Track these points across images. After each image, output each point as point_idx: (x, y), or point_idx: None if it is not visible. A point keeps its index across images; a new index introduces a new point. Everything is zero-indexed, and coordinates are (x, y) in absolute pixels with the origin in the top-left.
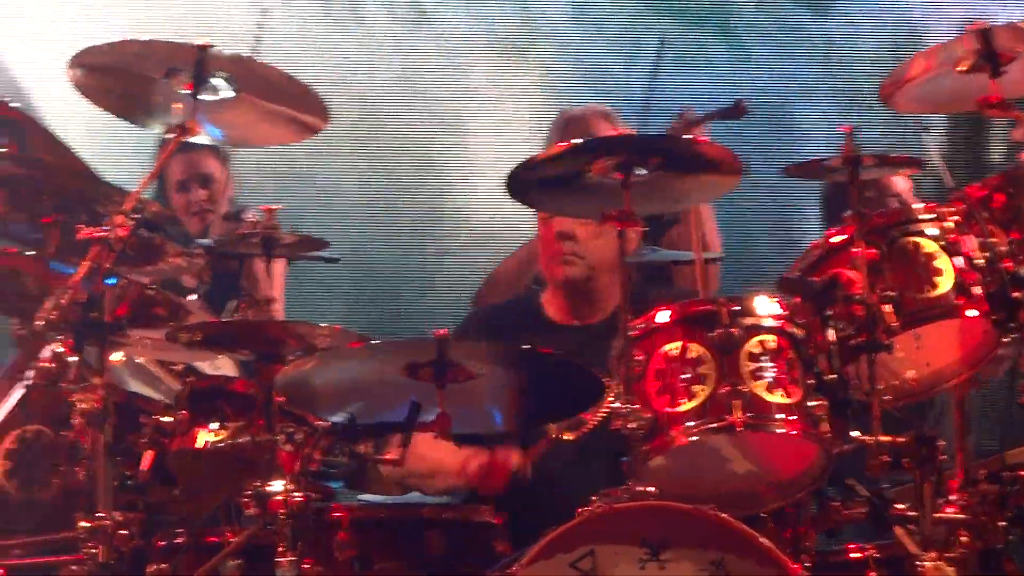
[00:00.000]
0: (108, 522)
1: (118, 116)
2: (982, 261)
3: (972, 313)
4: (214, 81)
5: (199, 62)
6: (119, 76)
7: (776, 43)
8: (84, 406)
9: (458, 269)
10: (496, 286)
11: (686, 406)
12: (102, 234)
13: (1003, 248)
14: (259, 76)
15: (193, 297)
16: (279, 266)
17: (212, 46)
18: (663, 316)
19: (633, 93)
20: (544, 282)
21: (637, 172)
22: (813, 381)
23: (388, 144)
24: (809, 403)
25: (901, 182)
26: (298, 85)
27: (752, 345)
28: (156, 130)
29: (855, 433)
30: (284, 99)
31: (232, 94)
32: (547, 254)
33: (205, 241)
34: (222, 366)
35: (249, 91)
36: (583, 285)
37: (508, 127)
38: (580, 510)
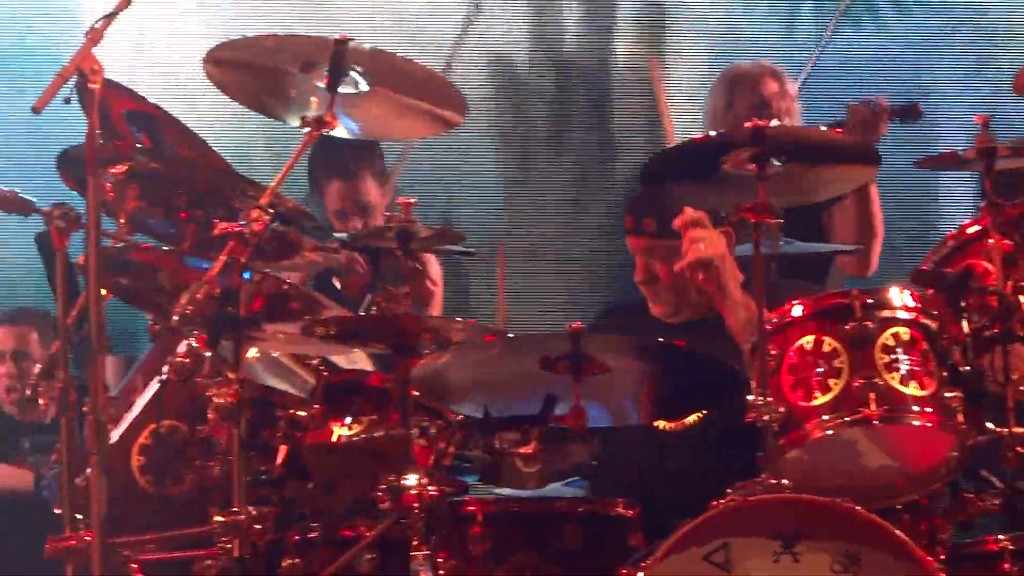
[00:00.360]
0: (242, 517)
1: (254, 110)
2: None
3: None
4: (351, 75)
5: (336, 56)
6: (255, 71)
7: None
8: (219, 401)
9: (595, 260)
10: None
11: (821, 399)
12: (238, 229)
13: None
14: (396, 70)
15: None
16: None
17: (350, 40)
18: (797, 310)
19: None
20: None
21: (772, 164)
22: (947, 373)
23: (526, 125)
24: (944, 395)
25: None
26: (436, 78)
27: (886, 338)
28: (292, 124)
29: (990, 424)
30: (421, 93)
31: (368, 88)
32: None
33: (341, 235)
34: (357, 360)
35: (386, 85)
36: (676, 314)
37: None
38: (713, 503)
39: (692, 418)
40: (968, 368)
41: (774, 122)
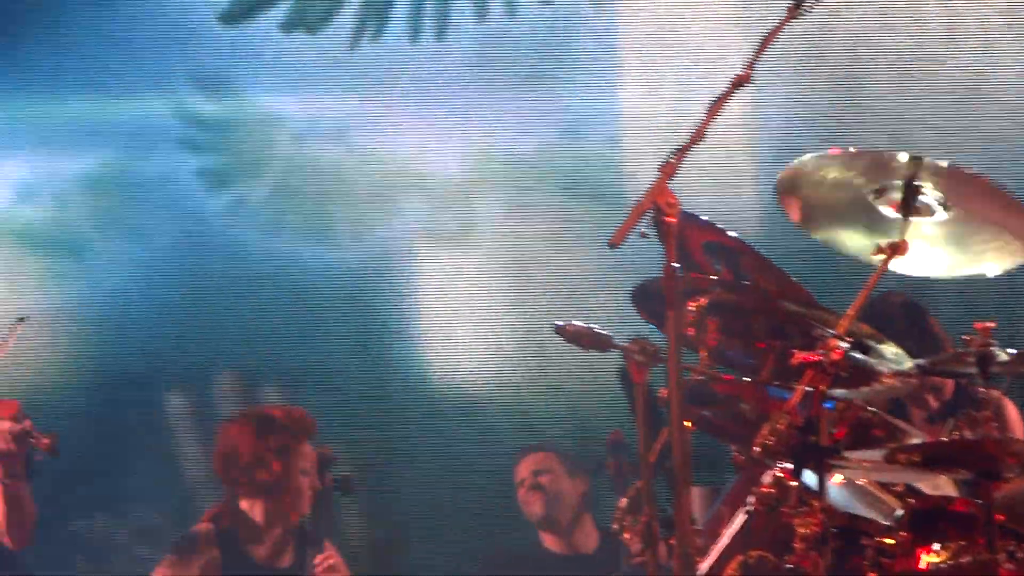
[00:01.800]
0: None
1: (821, 238)
2: None
3: None
4: (926, 199)
5: (909, 177)
6: (826, 195)
7: None
8: (804, 530)
9: None
10: None
11: None
12: (816, 358)
13: None
14: (976, 191)
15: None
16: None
17: (923, 158)
18: None
19: None
20: None
21: None
22: None
23: None
24: None
25: None
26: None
27: None
28: (863, 253)
29: None
30: (1002, 217)
31: (945, 214)
32: None
33: (919, 361)
34: (942, 485)
35: (965, 208)
36: None
37: None
38: None
39: None
40: None
41: None
